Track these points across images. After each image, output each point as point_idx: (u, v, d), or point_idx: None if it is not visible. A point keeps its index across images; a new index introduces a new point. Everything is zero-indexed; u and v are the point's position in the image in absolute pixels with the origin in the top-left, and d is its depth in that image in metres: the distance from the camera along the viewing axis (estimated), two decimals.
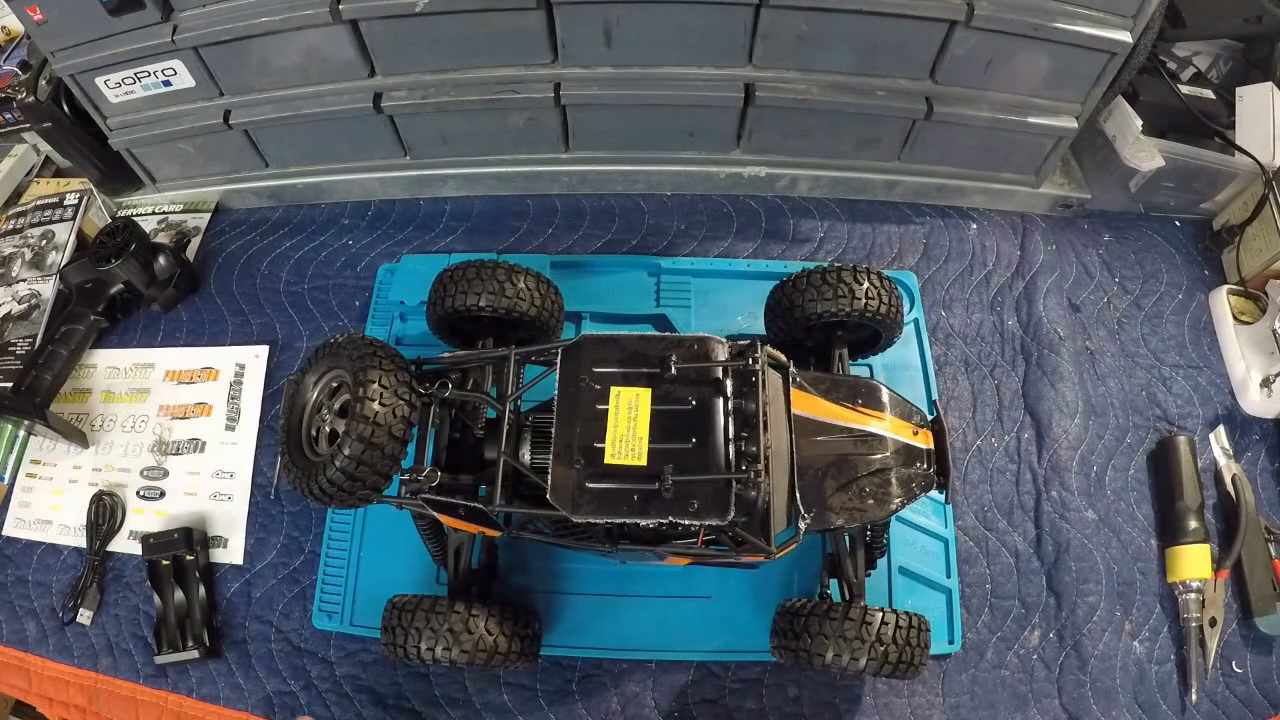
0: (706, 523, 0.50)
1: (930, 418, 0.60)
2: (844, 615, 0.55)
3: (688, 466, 0.50)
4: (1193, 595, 0.69)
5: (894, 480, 0.56)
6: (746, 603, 0.67)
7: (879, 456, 0.56)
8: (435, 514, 0.55)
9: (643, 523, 0.50)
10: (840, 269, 0.64)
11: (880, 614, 0.54)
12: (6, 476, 0.78)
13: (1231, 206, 0.88)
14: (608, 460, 0.50)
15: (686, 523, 0.50)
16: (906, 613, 0.56)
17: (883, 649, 0.53)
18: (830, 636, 0.54)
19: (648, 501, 0.50)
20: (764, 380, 0.54)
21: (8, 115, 0.89)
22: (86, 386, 0.82)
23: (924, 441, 0.58)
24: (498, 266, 0.63)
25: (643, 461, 0.50)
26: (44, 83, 0.83)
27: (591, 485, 0.50)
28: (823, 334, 0.68)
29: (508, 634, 0.56)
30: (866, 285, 0.63)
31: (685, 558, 0.55)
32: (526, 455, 0.56)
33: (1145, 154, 0.83)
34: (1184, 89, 0.87)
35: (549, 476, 0.50)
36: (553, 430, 0.52)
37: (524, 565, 0.68)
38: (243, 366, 0.81)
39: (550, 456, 0.51)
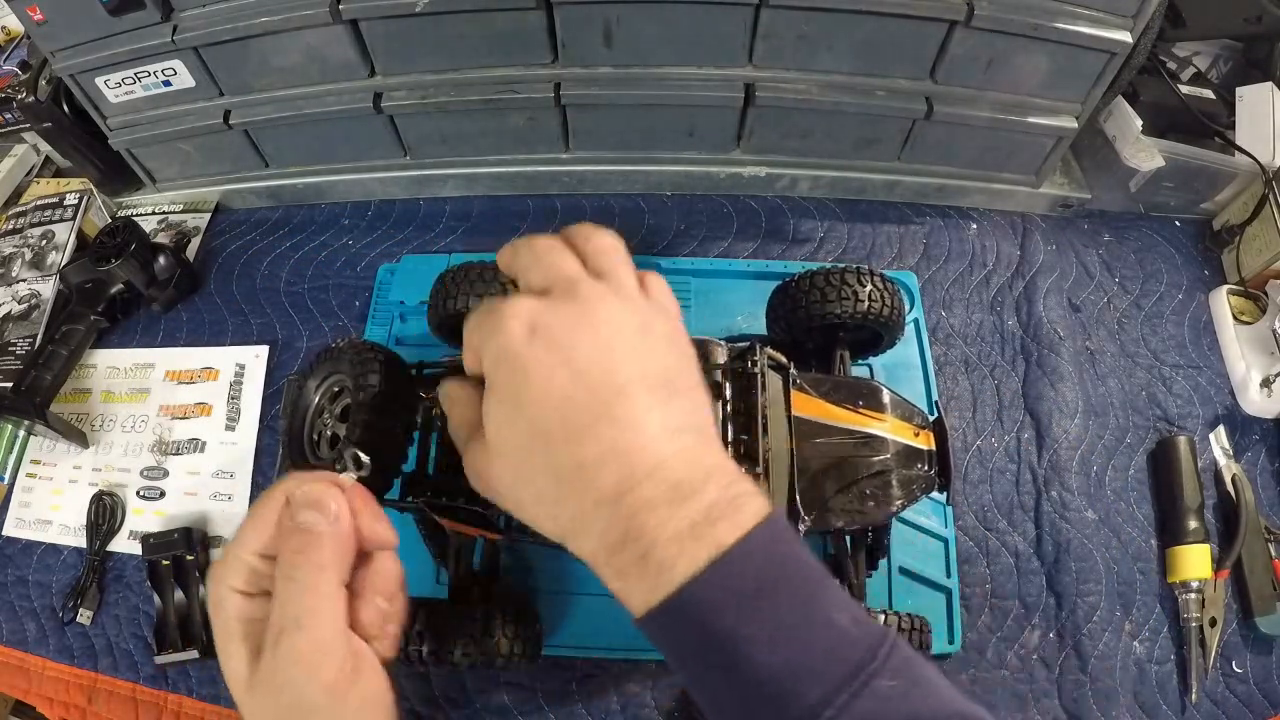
0: None
1: (932, 418, 0.60)
2: None
3: None
4: (1193, 595, 0.69)
5: (895, 482, 0.56)
6: None
7: (880, 458, 0.56)
8: (435, 517, 0.55)
9: None
10: (844, 270, 0.64)
11: (882, 616, 0.54)
12: (6, 476, 0.78)
13: (1231, 206, 0.88)
14: None
15: None
16: (908, 614, 0.56)
17: None
18: None
19: None
20: (764, 382, 0.54)
21: (8, 115, 0.89)
22: (86, 386, 0.82)
23: (925, 443, 0.58)
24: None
25: None
26: (44, 83, 0.83)
27: None
28: (824, 335, 0.68)
29: (510, 636, 0.56)
30: (870, 288, 0.63)
31: None
32: None
33: (1145, 154, 0.83)
34: (1184, 89, 0.87)
35: None
36: None
37: (524, 566, 0.68)
38: (243, 366, 0.81)
39: None
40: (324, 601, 0.36)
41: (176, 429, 0.79)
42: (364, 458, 0.41)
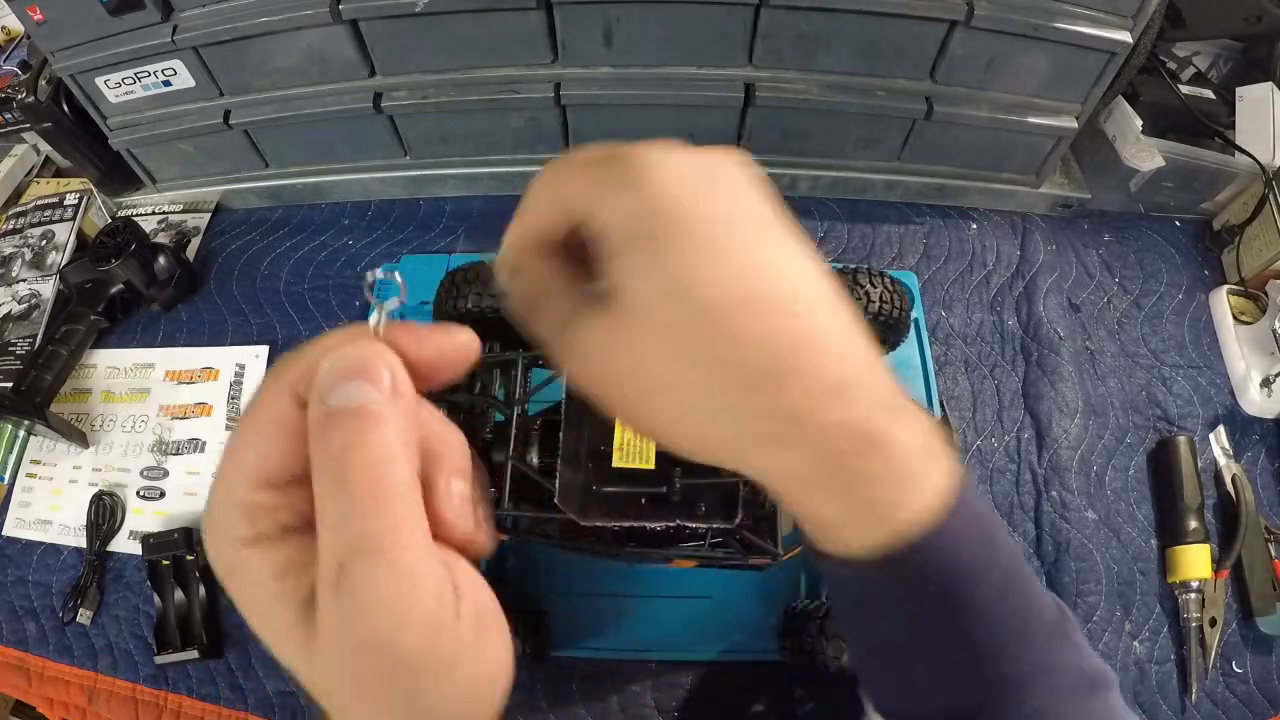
0: (714, 525, 0.50)
1: (937, 417, 0.60)
2: None
3: (695, 469, 0.50)
4: (1193, 595, 0.69)
5: None
6: (751, 603, 0.67)
7: None
8: None
9: (650, 526, 0.50)
10: (855, 271, 0.64)
11: None
12: (6, 476, 0.78)
13: (1231, 206, 0.88)
14: (615, 464, 0.50)
15: (694, 526, 0.50)
16: None
17: None
18: (845, 639, 0.54)
19: (656, 505, 0.49)
20: None
21: (8, 115, 0.89)
22: (86, 386, 0.82)
23: None
24: None
25: (650, 464, 0.50)
26: (44, 83, 0.83)
27: (600, 489, 0.50)
28: None
29: (519, 637, 0.56)
30: (881, 289, 0.63)
31: (692, 560, 0.55)
32: (534, 459, 0.56)
33: (1145, 154, 0.83)
34: (1184, 89, 0.87)
35: (557, 480, 0.50)
36: (560, 434, 0.52)
37: (527, 567, 0.68)
38: (243, 366, 0.81)
39: (558, 460, 0.51)
40: (400, 508, 0.24)
41: (176, 429, 0.79)
42: (396, 277, 0.29)
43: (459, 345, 0.28)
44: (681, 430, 0.28)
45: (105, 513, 0.74)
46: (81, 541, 0.74)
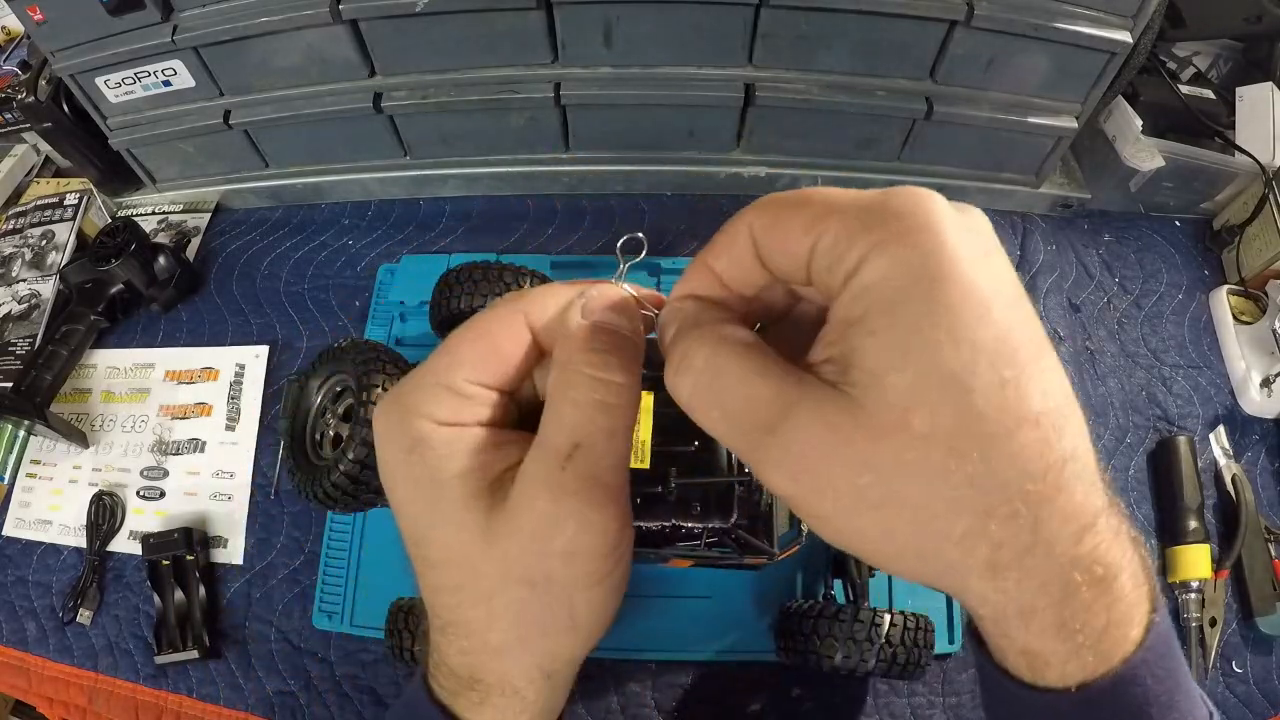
0: (710, 525, 0.50)
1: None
2: (853, 618, 0.55)
3: (690, 469, 0.50)
4: (1193, 595, 0.69)
5: None
6: (749, 603, 0.67)
7: None
8: None
9: (646, 525, 0.50)
10: None
11: (888, 615, 0.55)
12: (6, 476, 0.78)
13: (1231, 206, 0.88)
14: None
15: (690, 525, 0.50)
16: (913, 614, 0.56)
17: (891, 650, 0.54)
18: (839, 638, 0.54)
19: (651, 504, 0.49)
20: None
21: (8, 115, 0.89)
22: (86, 386, 0.82)
23: None
24: (504, 269, 0.63)
25: (646, 464, 0.50)
26: (44, 83, 0.83)
27: None
28: None
29: None
30: None
31: (688, 560, 0.55)
32: None
33: (1145, 154, 0.83)
34: (1184, 89, 0.87)
35: None
36: None
37: None
38: (243, 366, 0.81)
39: None
40: (630, 419, 0.27)
41: (176, 429, 0.79)
42: (640, 237, 0.32)
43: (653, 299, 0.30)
44: (897, 549, 0.24)
45: (105, 513, 0.74)
46: (81, 541, 0.74)
